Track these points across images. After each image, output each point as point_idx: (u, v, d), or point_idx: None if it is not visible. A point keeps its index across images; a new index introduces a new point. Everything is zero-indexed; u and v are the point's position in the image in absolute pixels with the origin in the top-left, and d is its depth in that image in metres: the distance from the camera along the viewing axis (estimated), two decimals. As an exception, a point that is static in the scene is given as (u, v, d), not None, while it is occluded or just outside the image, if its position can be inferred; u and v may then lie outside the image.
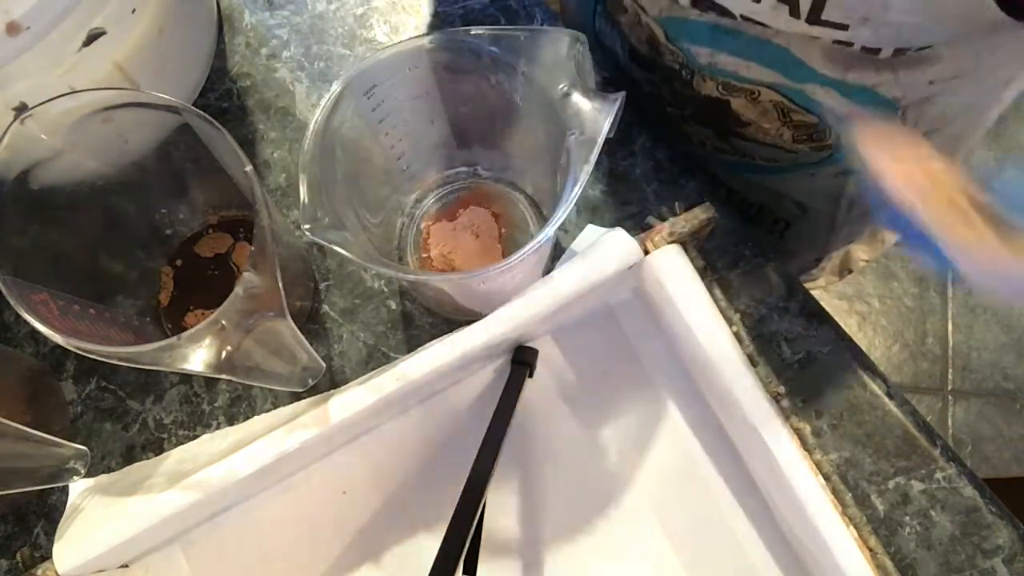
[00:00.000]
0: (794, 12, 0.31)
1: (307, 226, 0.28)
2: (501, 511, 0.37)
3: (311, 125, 0.30)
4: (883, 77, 0.34)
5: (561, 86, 0.30)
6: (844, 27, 0.31)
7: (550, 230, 0.29)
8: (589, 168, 0.28)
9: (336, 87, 0.30)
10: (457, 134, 0.38)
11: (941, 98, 0.37)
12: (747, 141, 0.46)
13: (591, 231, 0.38)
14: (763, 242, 0.41)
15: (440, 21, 0.46)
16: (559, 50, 0.31)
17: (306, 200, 0.29)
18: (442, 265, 0.40)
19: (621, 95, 0.30)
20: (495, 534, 0.37)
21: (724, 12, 0.34)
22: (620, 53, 0.48)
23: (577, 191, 0.28)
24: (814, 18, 0.31)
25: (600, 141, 0.29)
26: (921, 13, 0.29)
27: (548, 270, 0.37)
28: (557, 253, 0.40)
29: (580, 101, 0.30)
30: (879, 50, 0.32)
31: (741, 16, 0.34)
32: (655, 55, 0.43)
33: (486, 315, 0.34)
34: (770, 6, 0.32)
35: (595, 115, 0.30)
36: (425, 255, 0.41)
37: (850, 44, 0.32)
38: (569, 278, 0.34)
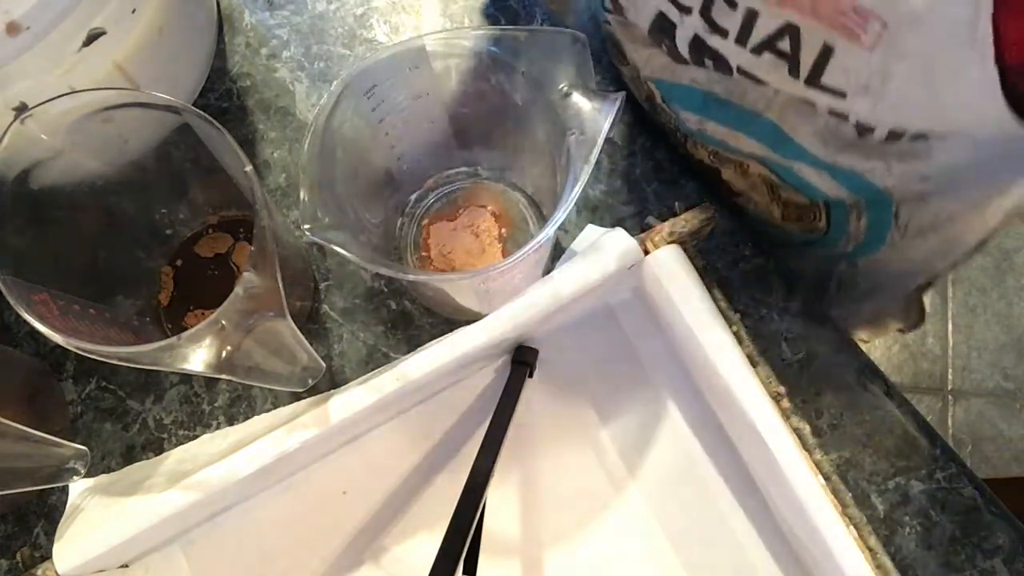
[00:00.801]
0: (794, 71, 0.30)
1: (307, 226, 0.28)
2: (501, 511, 0.37)
3: (311, 125, 0.30)
4: (874, 164, 0.33)
5: (561, 86, 0.30)
6: (842, 95, 0.29)
7: (550, 230, 0.29)
8: (589, 168, 0.28)
9: (336, 87, 0.30)
10: (457, 134, 0.38)
11: (936, 198, 0.35)
12: (740, 208, 0.45)
13: (591, 231, 0.38)
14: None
15: (440, 21, 0.46)
16: (559, 50, 0.31)
17: (306, 200, 0.29)
18: (442, 265, 0.40)
19: (621, 95, 0.30)
20: (495, 534, 0.37)
21: (721, 64, 0.33)
22: None
23: (577, 191, 0.28)
24: (814, 80, 0.29)
25: (600, 141, 0.29)
26: (923, 90, 0.27)
27: (548, 270, 0.37)
28: (557, 253, 0.40)
29: (580, 101, 0.30)
30: (873, 129, 0.30)
31: (738, 69, 0.32)
32: (653, 113, 0.42)
33: (486, 315, 0.34)
34: (769, 61, 0.30)
35: (595, 115, 0.30)
36: (425, 255, 0.41)
37: (845, 117, 0.30)
38: (569, 278, 0.34)
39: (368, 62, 0.31)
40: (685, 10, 0.32)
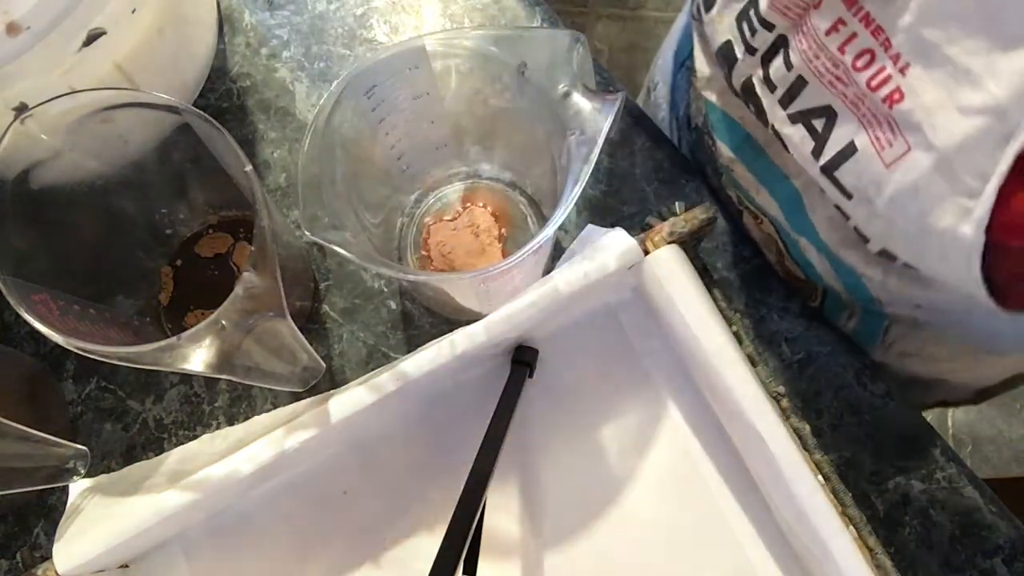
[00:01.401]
0: (816, 152, 0.30)
1: (307, 226, 0.28)
2: (501, 511, 0.37)
3: (311, 125, 0.30)
4: (871, 271, 0.33)
5: (561, 86, 0.30)
6: (849, 196, 0.29)
7: (550, 230, 0.29)
8: (589, 168, 0.28)
9: (336, 87, 0.30)
10: (457, 134, 0.38)
11: (928, 329, 0.35)
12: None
13: (591, 231, 0.38)
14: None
15: (440, 21, 0.46)
16: (559, 50, 0.31)
17: (306, 200, 0.29)
18: (442, 265, 0.40)
19: (621, 95, 0.30)
20: (495, 534, 0.37)
21: (761, 115, 0.33)
22: (680, 111, 0.48)
23: (577, 191, 0.28)
24: (830, 170, 0.29)
25: (600, 141, 0.29)
26: (915, 229, 0.27)
27: (548, 270, 0.37)
28: (557, 253, 0.40)
29: (580, 101, 0.30)
30: (868, 240, 0.30)
31: (772, 128, 0.32)
32: (703, 132, 0.42)
33: (486, 315, 0.34)
34: (800, 133, 0.30)
35: (595, 115, 0.30)
36: (425, 255, 0.41)
37: (847, 217, 0.31)
38: (569, 278, 0.34)
39: (368, 62, 0.31)
40: (750, 50, 0.32)
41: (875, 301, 0.35)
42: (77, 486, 0.34)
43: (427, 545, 0.37)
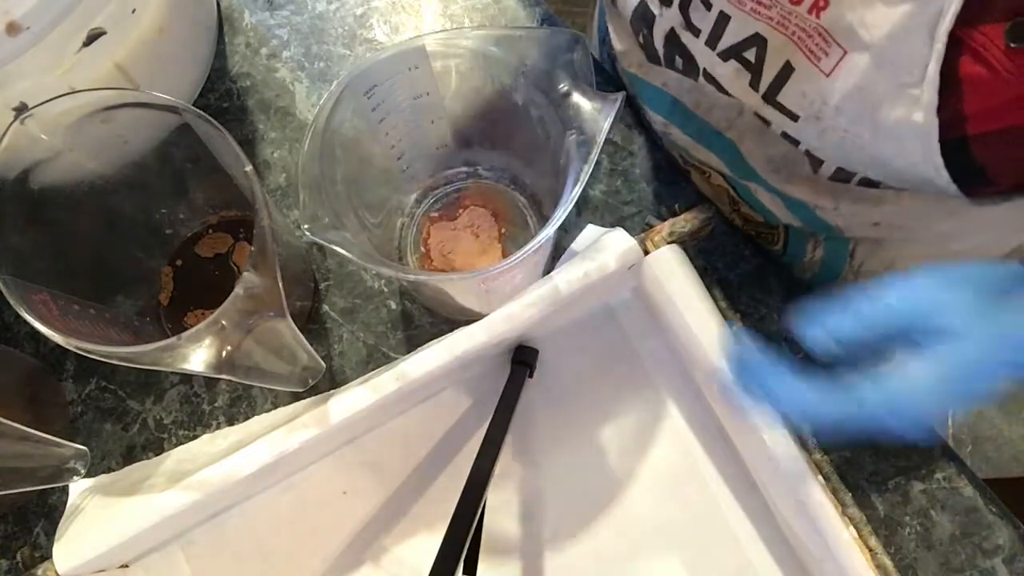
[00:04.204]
0: (754, 83, 0.30)
1: (307, 226, 0.28)
2: (501, 511, 0.37)
3: (311, 125, 0.30)
4: (822, 200, 0.33)
5: (561, 86, 0.30)
6: (795, 117, 0.29)
7: (550, 230, 0.29)
8: (589, 168, 0.28)
9: (336, 87, 0.30)
10: (457, 134, 0.38)
11: (891, 246, 0.36)
12: None
13: (591, 231, 0.38)
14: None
15: (440, 21, 0.46)
16: (559, 50, 0.31)
17: (306, 200, 0.29)
18: (442, 265, 0.40)
19: (621, 95, 0.30)
20: (495, 534, 0.37)
21: (690, 64, 0.33)
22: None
23: (577, 191, 0.28)
24: (771, 96, 0.30)
25: (600, 141, 0.29)
26: (868, 130, 0.27)
27: (548, 270, 0.37)
28: (557, 253, 0.40)
29: (580, 101, 0.30)
30: (822, 162, 0.30)
31: (704, 72, 0.32)
32: (635, 102, 0.43)
33: (486, 315, 0.34)
34: (734, 69, 0.31)
35: (595, 115, 0.30)
36: (425, 255, 0.41)
37: (796, 143, 0.31)
38: (569, 278, 0.34)
39: (368, 62, 0.31)
40: (666, 2, 0.32)
41: (833, 229, 0.35)
42: (77, 486, 0.34)
43: (427, 545, 0.37)
